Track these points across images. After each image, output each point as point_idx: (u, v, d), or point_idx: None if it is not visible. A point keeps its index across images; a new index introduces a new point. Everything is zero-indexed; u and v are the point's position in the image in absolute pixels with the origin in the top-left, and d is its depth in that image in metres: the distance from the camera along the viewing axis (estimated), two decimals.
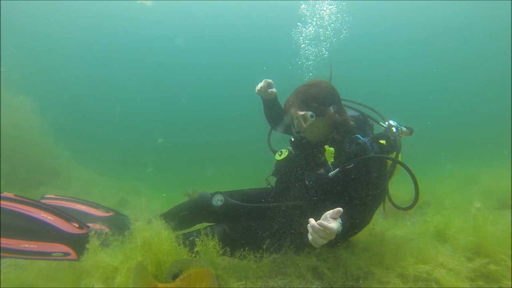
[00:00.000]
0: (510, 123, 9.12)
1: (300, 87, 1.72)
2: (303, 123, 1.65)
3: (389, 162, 1.60)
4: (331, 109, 1.65)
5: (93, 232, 1.39)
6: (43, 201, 2.01)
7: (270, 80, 1.94)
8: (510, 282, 1.25)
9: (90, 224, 1.84)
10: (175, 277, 1.01)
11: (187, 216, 1.87)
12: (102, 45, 17.17)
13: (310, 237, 1.16)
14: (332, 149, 1.59)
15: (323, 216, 1.20)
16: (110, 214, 2.12)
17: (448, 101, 20.34)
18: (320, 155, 1.67)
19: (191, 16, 16.39)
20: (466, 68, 18.99)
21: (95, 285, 1.20)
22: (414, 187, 1.46)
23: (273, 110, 2.01)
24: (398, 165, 1.68)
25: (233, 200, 1.73)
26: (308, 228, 1.17)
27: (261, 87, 1.92)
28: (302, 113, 1.63)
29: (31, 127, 4.49)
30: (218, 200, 1.73)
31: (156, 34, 17.51)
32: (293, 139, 1.85)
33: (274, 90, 1.95)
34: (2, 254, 1.38)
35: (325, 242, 1.14)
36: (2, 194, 1.52)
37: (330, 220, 1.16)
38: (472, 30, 16.31)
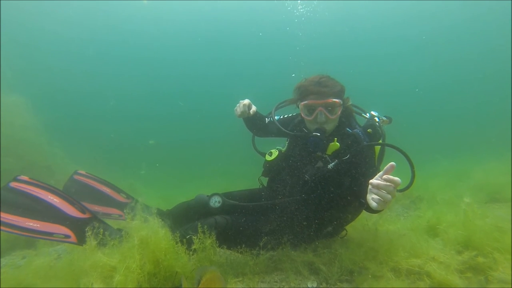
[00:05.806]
0: (510, 120, 9.17)
1: (319, 78, 1.63)
2: (332, 113, 1.59)
3: (377, 148, 1.68)
4: (349, 100, 1.71)
5: (90, 233, 1.41)
6: (75, 176, 2.28)
7: (247, 101, 1.88)
8: (495, 273, 1.30)
9: (105, 209, 2.14)
10: (198, 282, 1.06)
11: (185, 220, 1.84)
12: (97, 42, 16.88)
13: (376, 198, 1.09)
14: (338, 144, 1.60)
15: (376, 177, 1.13)
16: (129, 201, 2.35)
17: (444, 98, 20.51)
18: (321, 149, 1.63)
19: (187, 14, 16.19)
20: (463, 65, 19.10)
21: (94, 284, 1.22)
22: (409, 164, 1.41)
23: (256, 121, 1.99)
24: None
25: (230, 201, 1.73)
26: (371, 190, 1.11)
27: (242, 112, 1.87)
28: (340, 101, 1.59)
29: (25, 126, 4.43)
30: (215, 202, 1.73)
31: (151, 32, 17.28)
32: (318, 134, 1.62)
33: (254, 108, 1.91)
34: (8, 229, 1.51)
35: (392, 199, 1.06)
36: (18, 177, 1.69)
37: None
38: (470, 26, 16.39)
